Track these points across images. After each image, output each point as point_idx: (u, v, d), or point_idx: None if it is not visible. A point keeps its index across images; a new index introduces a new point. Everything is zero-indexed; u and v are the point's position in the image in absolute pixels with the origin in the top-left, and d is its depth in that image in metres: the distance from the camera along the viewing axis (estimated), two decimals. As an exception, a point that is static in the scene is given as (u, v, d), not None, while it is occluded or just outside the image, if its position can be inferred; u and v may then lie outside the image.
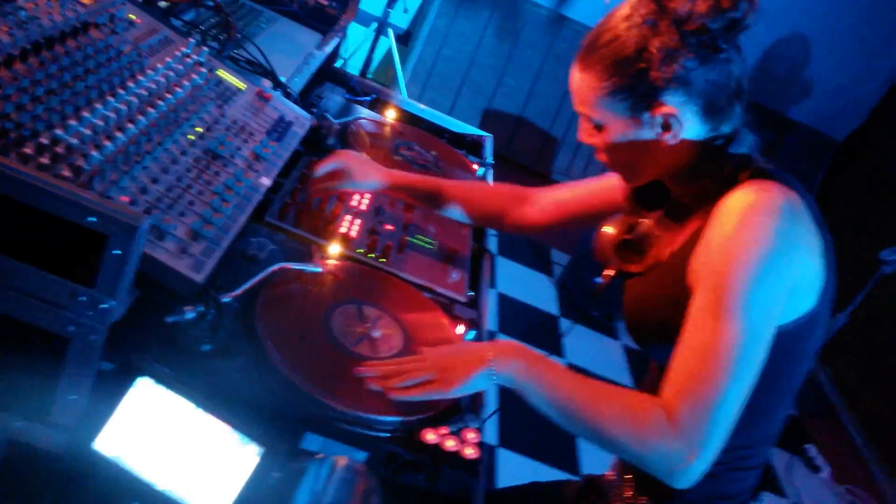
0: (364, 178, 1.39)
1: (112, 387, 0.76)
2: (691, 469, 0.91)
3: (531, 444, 2.70)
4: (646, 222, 1.11)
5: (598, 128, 1.05)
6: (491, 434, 2.66)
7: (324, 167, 1.37)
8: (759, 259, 0.91)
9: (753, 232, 0.92)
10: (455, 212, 1.44)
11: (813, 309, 0.99)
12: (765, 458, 1.15)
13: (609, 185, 1.28)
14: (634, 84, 0.98)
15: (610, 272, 1.16)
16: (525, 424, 2.80)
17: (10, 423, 0.86)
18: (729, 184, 1.00)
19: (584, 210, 1.34)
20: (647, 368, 1.25)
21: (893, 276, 3.01)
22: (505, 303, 3.49)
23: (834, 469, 3.35)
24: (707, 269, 0.95)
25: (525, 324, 3.42)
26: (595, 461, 2.72)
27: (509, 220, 1.42)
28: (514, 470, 2.54)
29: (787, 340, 0.99)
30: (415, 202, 1.49)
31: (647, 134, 1.02)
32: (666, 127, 1.01)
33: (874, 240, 3.38)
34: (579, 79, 1.03)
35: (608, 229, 1.16)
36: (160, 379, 0.75)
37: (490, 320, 3.36)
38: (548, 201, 1.40)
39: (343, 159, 1.39)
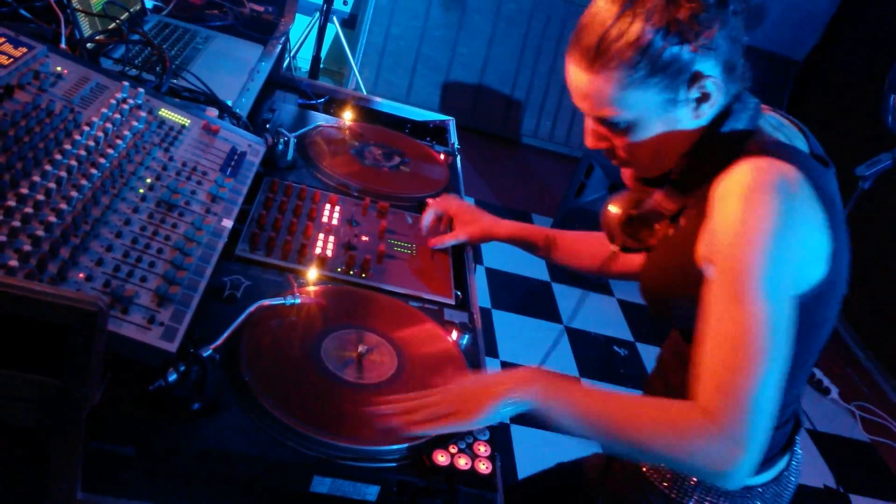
0: (473, 234, 1.47)
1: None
2: (742, 465, 0.87)
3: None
4: (655, 197, 1.07)
5: (622, 127, 1.00)
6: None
7: (427, 216, 1.48)
8: (767, 239, 0.89)
9: (756, 212, 0.90)
10: (563, 261, 1.47)
11: (824, 278, 0.97)
12: (789, 418, 1.15)
13: None
14: (670, 63, 0.94)
15: (614, 248, 1.16)
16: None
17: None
18: (732, 155, 0.98)
19: None
20: (667, 334, 1.23)
21: (872, 190, 3.01)
22: (494, 277, 3.46)
23: (841, 388, 3.39)
24: (717, 257, 0.93)
25: (518, 295, 3.40)
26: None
27: (616, 268, 1.41)
28: (529, 442, 2.54)
29: (805, 311, 0.96)
30: (522, 249, 1.53)
31: (682, 114, 0.99)
32: (704, 97, 0.97)
33: (848, 156, 3.38)
34: (593, 82, 0.97)
35: (613, 208, 1.14)
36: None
37: (481, 297, 3.34)
38: None
39: (449, 207, 1.49)
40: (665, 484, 1.14)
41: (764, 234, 0.89)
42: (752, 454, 0.87)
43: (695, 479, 1.12)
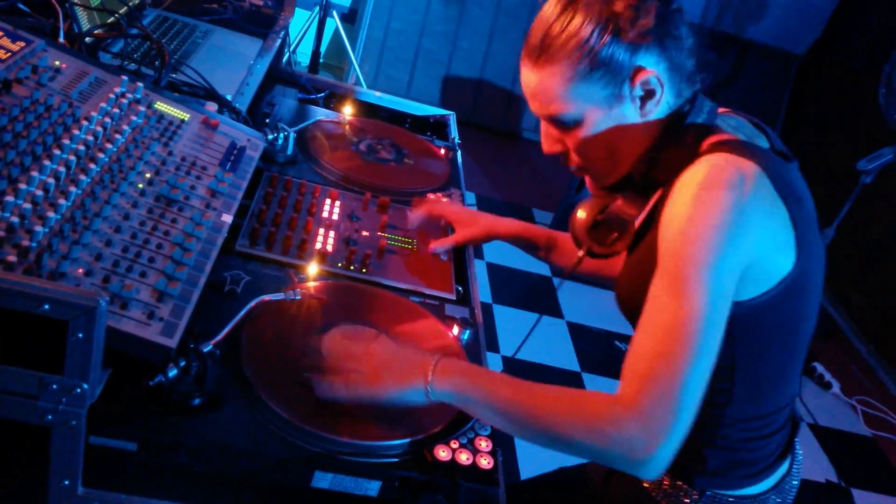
0: (475, 235, 1.44)
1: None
2: (657, 456, 0.84)
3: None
4: (617, 202, 1.09)
5: (571, 125, 1.02)
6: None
7: (414, 220, 1.45)
8: (714, 234, 0.88)
9: (706, 207, 0.89)
10: (562, 263, 1.46)
11: (792, 272, 0.96)
12: (785, 421, 1.14)
13: None
14: (609, 56, 0.96)
15: (580, 253, 1.17)
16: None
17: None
18: (692, 155, 0.98)
19: None
20: None
21: (874, 185, 3.00)
22: (495, 272, 3.46)
23: (843, 382, 3.39)
24: (662, 249, 0.93)
25: (518, 289, 3.40)
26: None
27: (612, 273, 1.40)
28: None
29: (772, 310, 0.96)
30: (522, 250, 1.51)
31: (628, 110, 1.00)
32: (648, 94, 0.99)
33: (850, 150, 3.37)
34: (539, 79, 1.00)
35: (580, 213, 1.17)
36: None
37: (482, 292, 3.34)
38: None
39: (443, 212, 1.46)
40: (664, 501, 1.13)
41: (710, 229, 0.88)
42: (670, 445, 0.84)
43: (696, 493, 1.10)
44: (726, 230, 0.89)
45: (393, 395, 0.95)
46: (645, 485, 1.16)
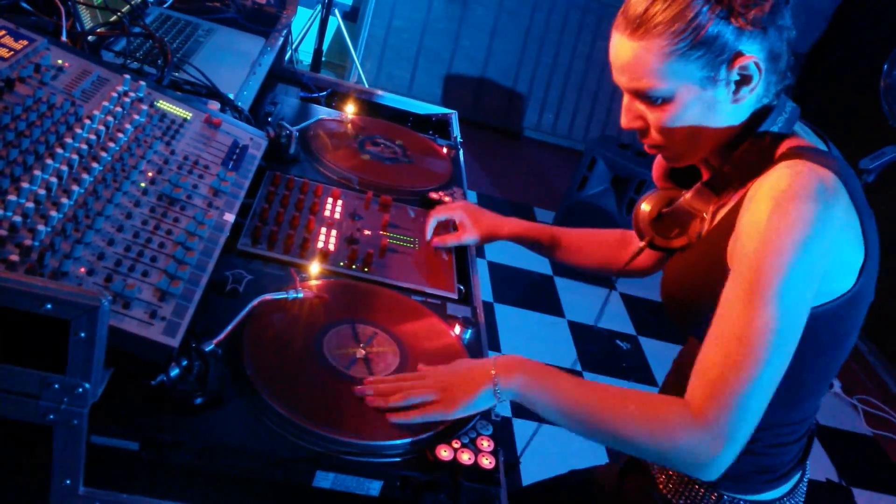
0: (477, 236, 1.44)
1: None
2: (718, 461, 0.88)
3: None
4: (685, 196, 1.07)
5: (659, 102, 0.98)
6: (503, 405, 2.65)
7: (431, 224, 1.44)
8: (793, 246, 0.88)
9: (787, 218, 0.88)
10: (568, 260, 1.46)
11: (853, 287, 0.96)
12: (808, 431, 1.14)
13: None
14: (714, 36, 0.93)
15: (641, 244, 1.15)
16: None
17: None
18: (767, 158, 0.97)
19: None
20: (686, 341, 1.22)
21: (876, 183, 2.99)
22: (497, 271, 3.46)
23: (844, 381, 3.39)
24: (740, 257, 0.92)
25: (520, 289, 3.40)
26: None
27: (619, 266, 1.41)
28: (534, 439, 2.53)
29: (829, 320, 0.96)
30: (526, 248, 1.51)
31: (721, 94, 0.97)
32: (744, 80, 0.96)
33: (851, 149, 3.36)
34: (635, 51, 0.95)
35: (645, 206, 1.14)
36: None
37: (483, 291, 3.34)
38: None
39: (456, 212, 1.46)
40: (682, 501, 1.13)
41: (791, 241, 0.88)
42: (730, 452, 0.88)
43: (714, 497, 1.10)
44: (807, 243, 0.88)
45: (466, 407, 0.97)
46: (661, 487, 1.16)
